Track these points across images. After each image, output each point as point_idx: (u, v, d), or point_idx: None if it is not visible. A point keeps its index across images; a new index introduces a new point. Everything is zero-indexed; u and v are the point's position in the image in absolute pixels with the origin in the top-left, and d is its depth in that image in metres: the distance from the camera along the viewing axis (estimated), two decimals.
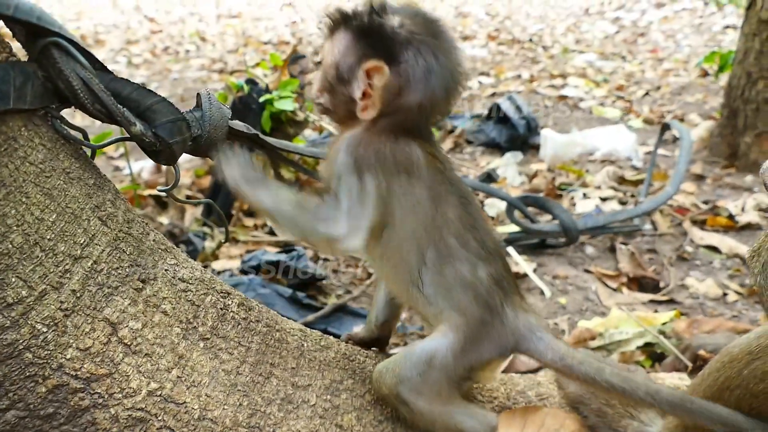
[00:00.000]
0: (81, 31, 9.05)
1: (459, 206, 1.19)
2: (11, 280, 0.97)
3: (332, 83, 1.17)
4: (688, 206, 3.11)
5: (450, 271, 1.18)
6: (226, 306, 1.26)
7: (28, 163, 1.00)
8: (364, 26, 1.13)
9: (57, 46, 1.00)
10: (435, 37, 1.13)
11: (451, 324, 1.20)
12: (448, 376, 1.20)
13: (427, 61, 1.11)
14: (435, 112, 1.18)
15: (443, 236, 1.18)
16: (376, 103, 1.12)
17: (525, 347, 1.23)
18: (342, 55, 1.15)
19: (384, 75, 1.09)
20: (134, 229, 1.17)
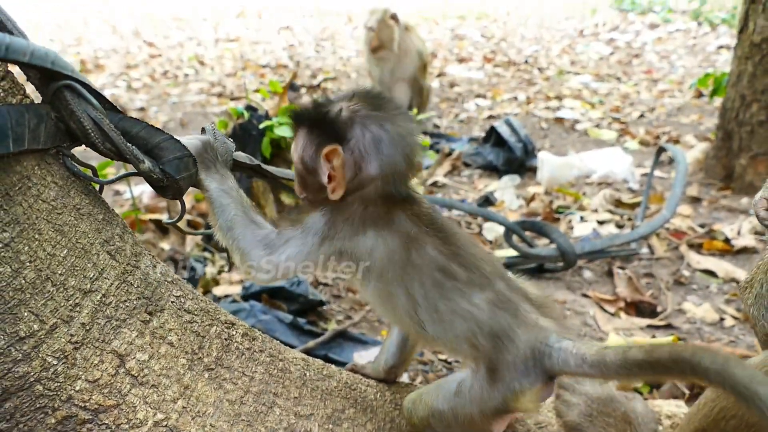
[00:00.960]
0: (81, 56, 9.13)
1: (438, 242, 1.21)
2: (24, 315, 1.00)
3: (304, 177, 1.26)
4: (685, 229, 3.15)
5: (444, 306, 1.20)
6: (231, 336, 1.29)
7: (41, 201, 1.03)
8: (313, 119, 1.22)
9: (70, 88, 1.04)
10: (377, 109, 1.21)
11: (470, 358, 1.22)
12: (480, 410, 1.20)
13: (374, 132, 1.19)
14: (400, 177, 1.23)
15: (426, 273, 1.20)
16: (340, 182, 1.19)
17: (550, 366, 1.19)
18: (304, 150, 1.23)
19: (339, 155, 1.17)
20: (142, 262, 1.20)
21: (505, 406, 1.20)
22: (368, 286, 1.24)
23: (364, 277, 1.23)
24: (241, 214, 1.22)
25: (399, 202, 1.23)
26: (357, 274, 1.23)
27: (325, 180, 1.20)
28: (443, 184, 4.16)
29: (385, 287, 1.22)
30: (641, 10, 13.59)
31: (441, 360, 2.21)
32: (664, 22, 11.97)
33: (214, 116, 6.02)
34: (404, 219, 1.21)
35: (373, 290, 1.24)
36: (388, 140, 1.19)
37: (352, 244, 1.20)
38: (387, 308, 1.27)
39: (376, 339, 2.31)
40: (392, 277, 1.20)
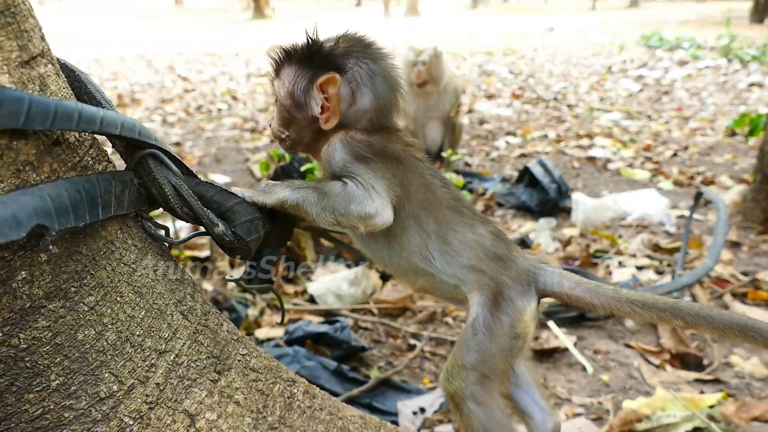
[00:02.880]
0: (118, 91, 9.39)
1: (442, 186, 1.32)
2: (104, 376, 1.03)
3: (291, 112, 1.30)
4: (727, 277, 3.11)
5: (453, 237, 1.29)
6: (293, 395, 1.31)
7: (122, 264, 1.08)
8: (305, 53, 1.28)
9: (153, 156, 1.09)
10: (366, 47, 1.30)
11: (475, 287, 1.30)
12: (498, 340, 1.26)
13: (369, 66, 1.28)
14: (389, 110, 1.32)
15: (439, 209, 1.30)
16: (335, 110, 1.26)
17: (543, 283, 1.32)
18: (294, 84, 1.28)
19: (337, 83, 1.23)
20: (210, 321, 1.23)
21: (513, 330, 1.28)
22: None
23: None
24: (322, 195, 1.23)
25: (394, 136, 1.32)
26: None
27: (317, 111, 1.27)
28: None
29: (400, 223, 1.27)
30: (669, 46, 13.60)
31: None
32: (693, 58, 11.95)
33: (248, 152, 6.13)
34: (412, 158, 1.31)
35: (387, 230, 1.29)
36: (380, 74, 1.28)
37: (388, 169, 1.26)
38: (394, 246, 1.31)
39: (420, 387, 2.31)
40: (409, 213, 1.28)
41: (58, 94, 1.00)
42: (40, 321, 0.95)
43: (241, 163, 5.81)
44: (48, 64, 0.99)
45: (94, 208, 0.99)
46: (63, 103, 0.90)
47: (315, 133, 1.31)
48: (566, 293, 1.32)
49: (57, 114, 0.89)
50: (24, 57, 0.92)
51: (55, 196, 0.91)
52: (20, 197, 0.85)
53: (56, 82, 1.00)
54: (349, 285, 2.93)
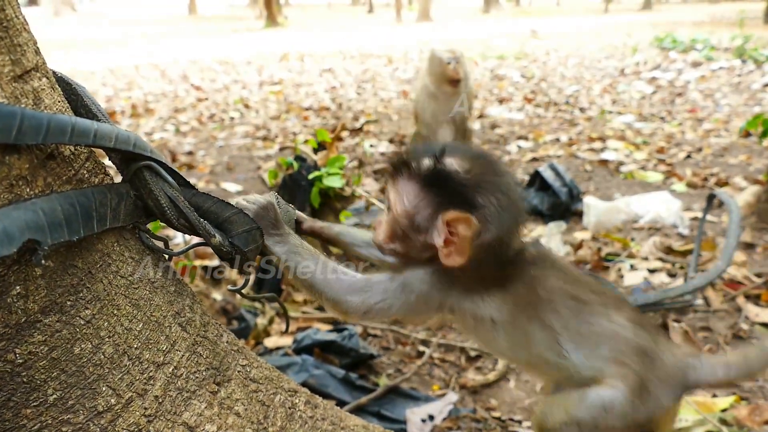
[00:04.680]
0: (132, 100, 9.48)
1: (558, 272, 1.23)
2: (102, 389, 1.03)
3: (405, 231, 1.21)
4: (741, 279, 3.06)
5: (587, 329, 1.20)
6: (294, 405, 1.30)
7: (119, 277, 1.08)
8: (431, 175, 1.16)
9: (149, 168, 1.09)
10: (498, 175, 1.18)
11: (615, 376, 1.19)
12: (624, 425, 1.19)
13: (499, 200, 1.15)
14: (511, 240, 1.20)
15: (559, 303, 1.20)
16: (464, 250, 1.14)
17: (694, 379, 1.23)
18: (414, 206, 1.18)
19: (471, 225, 1.12)
20: (210, 332, 1.23)
21: (650, 422, 1.21)
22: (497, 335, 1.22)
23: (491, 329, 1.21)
24: (319, 268, 1.23)
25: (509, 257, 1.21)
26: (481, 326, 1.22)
27: (438, 243, 1.16)
28: None
29: (517, 331, 1.21)
30: (683, 48, 13.48)
31: (494, 418, 2.17)
32: (707, 60, 11.84)
33: (260, 160, 6.15)
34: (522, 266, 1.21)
35: (504, 337, 1.22)
36: (508, 208, 1.16)
37: (474, 305, 1.20)
38: (521, 350, 1.25)
39: (428, 394, 2.30)
40: (525, 320, 1.20)
41: (53, 107, 1.00)
42: (36, 335, 0.95)
43: (253, 171, 5.83)
44: (42, 77, 1.00)
45: (89, 222, 0.99)
46: (56, 117, 0.91)
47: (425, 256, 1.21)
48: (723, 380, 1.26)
49: (50, 128, 0.90)
50: (17, 71, 0.93)
51: (49, 211, 0.91)
52: (12, 212, 0.86)
53: (51, 95, 1.01)
54: None
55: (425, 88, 5.29)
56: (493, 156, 1.23)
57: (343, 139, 6.79)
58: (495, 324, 1.21)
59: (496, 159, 1.23)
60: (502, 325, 1.21)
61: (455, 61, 5.01)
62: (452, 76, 5.00)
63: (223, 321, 2.74)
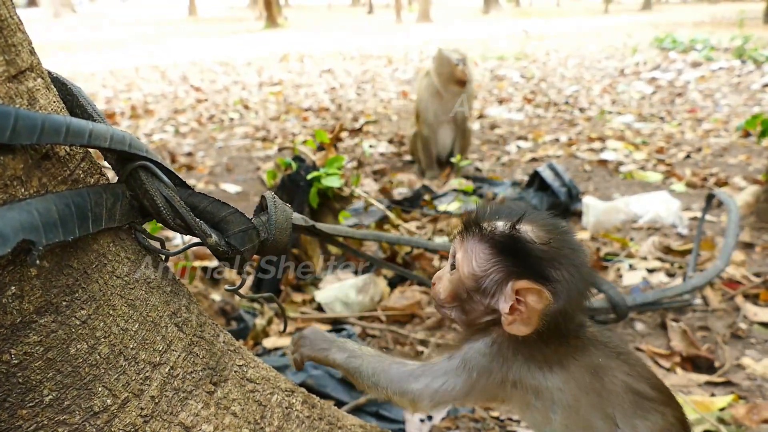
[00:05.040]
0: (132, 102, 9.48)
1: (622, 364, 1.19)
2: (98, 390, 1.03)
3: (469, 293, 1.19)
4: (739, 278, 3.06)
5: (643, 425, 1.16)
6: (291, 405, 1.30)
7: (115, 277, 1.08)
8: (507, 240, 1.14)
9: (144, 168, 1.09)
10: (574, 250, 1.15)
11: None
12: None
13: (571, 274, 1.12)
14: (576, 313, 1.19)
15: (623, 396, 1.17)
16: (533, 321, 1.11)
17: None
18: (484, 269, 1.16)
19: (544, 298, 1.09)
20: (206, 332, 1.23)
21: None
22: (555, 417, 1.19)
23: (549, 409, 1.18)
24: (376, 364, 1.27)
25: (574, 331, 1.19)
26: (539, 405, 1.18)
27: (504, 309, 1.13)
28: None
29: (578, 417, 1.17)
30: (683, 48, 13.48)
31: (493, 418, 2.17)
32: (707, 60, 11.84)
33: (259, 161, 6.15)
34: (586, 346, 1.18)
35: (561, 421, 1.19)
36: (579, 281, 1.14)
37: (535, 380, 1.16)
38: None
39: None
40: (587, 407, 1.17)
41: (48, 107, 1.00)
42: (32, 336, 0.95)
43: (252, 172, 5.84)
44: (37, 78, 1.00)
45: (84, 222, 0.99)
46: (50, 117, 0.91)
47: (487, 320, 1.20)
48: None
49: (44, 128, 0.90)
50: (11, 71, 0.93)
51: (43, 211, 0.91)
52: (6, 213, 0.86)
53: (46, 95, 1.01)
54: (357, 292, 2.92)
55: (429, 87, 5.30)
56: (570, 229, 1.19)
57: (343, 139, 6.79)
58: (554, 404, 1.17)
59: (573, 232, 1.19)
60: (561, 406, 1.17)
61: (462, 63, 5.05)
62: (460, 77, 5.04)
63: (222, 322, 2.74)
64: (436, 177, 5.42)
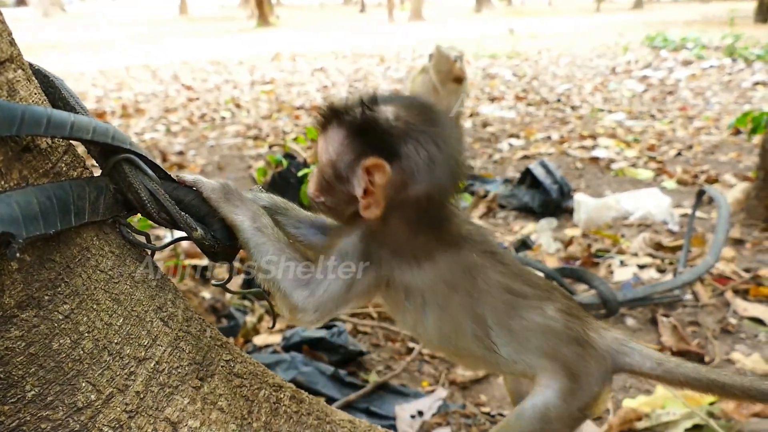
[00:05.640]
0: (122, 101, 9.43)
1: (497, 264, 1.19)
2: (81, 385, 1.02)
3: (330, 182, 1.14)
4: (729, 274, 3.07)
5: (519, 324, 1.18)
6: (279, 400, 1.29)
7: (99, 271, 1.06)
8: (358, 122, 1.09)
9: (128, 161, 1.08)
10: (433, 125, 1.10)
11: (547, 372, 1.19)
12: (564, 424, 1.19)
13: (429, 152, 1.08)
14: (444, 199, 1.14)
15: (496, 296, 1.17)
16: (380, 201, 1.08)
17: (621, 363, 1.23)
18: (338, 154, 1.11)
19: (385, 173, 1.06)
20: (193, 327, 1.22)
21: (584, 412, 1.20)
22: (426, 318, 1.17)
23: (420, 309, 1.16)
24: (278, 253, 1.13)
25: (445, 221, 1.16)
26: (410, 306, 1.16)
27: (358, 193, 1.10)
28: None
29: (449, 317, 1.17)
30: (674, 47, 13.54)
31: (484, 413, 2.17)
32: (698, 58, 11.90)
33: (251, 159, 6.13)
34: (459, 243, 1.16)
35: (433, 322, 1.17)
36: (442, 161, 1.09)
37: (406, 277, 1.13)
38: (450, 339, 1.20)
39: (418, 391, 2.29)
40: (458, 307, 1.16)
41: (29, 99, 0.99)
42: (13, 331, 0.94)
43: (243, 170, 5.82)
44: (18, 69, 0.98)
45: (67, 215, 0.98)
46: (30, 108, 0.89)
47: (353, 210, 1.14)
48: (648, 373, 1.25)
49: (24, 119, 0.88)
50: None
51: (24, 203, 0.90)
52: None
53: (26, 87, 0.99)
54: None
55: (425, 84, 5.30)
56: (434, 106, 1.14)
57: None
58: (426, 304, 1.15)
59: (436, 109, 1.14)
60: (432, 306, 1.15)
61: (460, 60, 5.07)
62: (458, 74, 5.07)
63: (213, 319, 2.73)
64: None
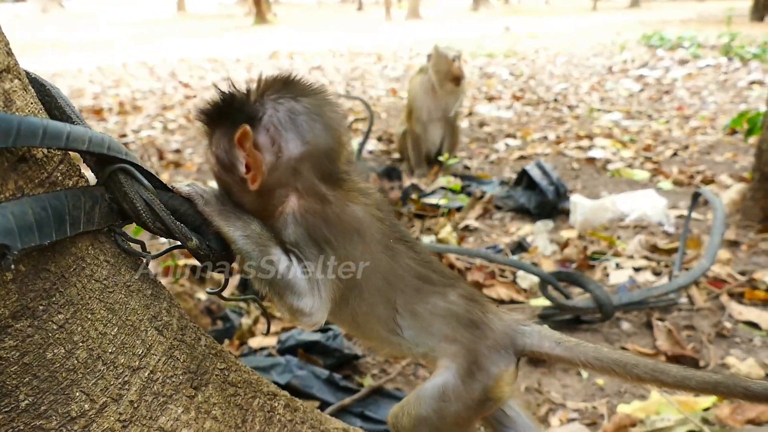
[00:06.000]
0: (120, 98, 9.41)
1: (408, 250, 1.26)
2: (75, 395, 1.02)
3: (223, 179, 1.18)
4: (725, 277, 3.08)
5: (423, 308, 1.24)
6: (273, 408, 1.29)
7: (93, 281, 1.06)
8: (220, 110, 1.15)
9: (123, 171, 1.07)
10: (285, 85, 1.15)
11: (447, 355, 1.25)
12: (465, 405, 1.23)
13: (287, 106, 1.12)
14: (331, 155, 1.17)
15: (405, 280, 1.24)
16: (259, 167, 1.11)
17: (521, 344, 1.27)
18: (217, 146, 1.16)
19: (248, 136, 1.09)
20: (187, 336, 1.22)
21: (486, 394, 1.24)
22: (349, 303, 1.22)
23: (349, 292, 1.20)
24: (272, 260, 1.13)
25: (351, 193, 1.19)
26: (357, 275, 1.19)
27: (243, 171, 1.12)
28: (475, 228, 4.16)
29: (367, 299, 1.21)
30: (670, 46, 13.56)
31: None
32: (694, 57, 11.91)
33: None
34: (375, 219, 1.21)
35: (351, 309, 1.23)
36: (305, 112, 1.13)
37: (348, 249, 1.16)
38: (361, 322, 1.26)
39: None
40: (373, 287, 1.21)
41: (25, 109, 0.99)
42: (7, 341, 0.94)
43: None
44: (14, 79, 0.98)
45: (62, 225, 0.98)
46: (26, 120, 0.89)
47: (256, 199, 1.16)
48: (546, 353, 1.28)
49: (20, 130, 0.88)
50: None
51: (19, 214, 0.90)
52: None
53: (23, 97, 0.99)
54: None
55: (424, 84, 5.30)
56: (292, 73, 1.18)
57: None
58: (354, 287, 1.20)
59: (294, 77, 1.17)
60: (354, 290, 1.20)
61: (458, 59, 5.08)
62: (457, 73, 5.08)
63: (208, 321, 2.73)
64: (424, 175, 5.42)
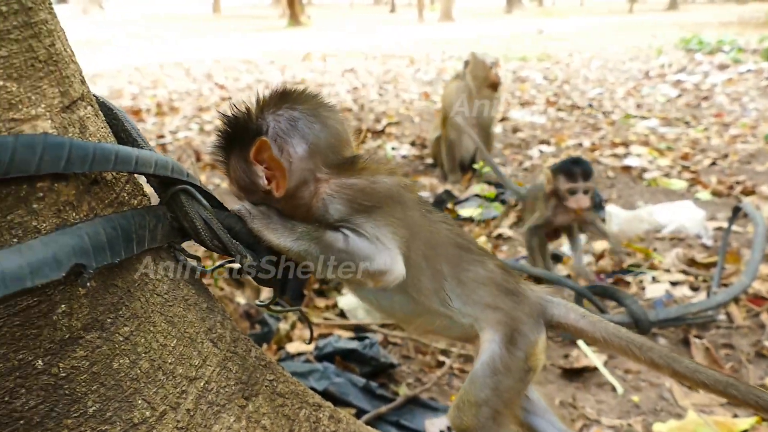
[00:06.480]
0: (157, 99, 9.61)
1: (443, 221, 1.32)
2: (138, 403, 1.08)
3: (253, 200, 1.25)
4: (765, 294, 3.04)
5: (467, 276, 1.29)
6: (318, 419, 1.34)
7: (155, 295, 1.12)
8: (227, 135, 1.27)
9: (185, 191, 1.13)
10: (280, 98, 1.25)
11: (490, 325, 1.30)
12: (514, 376, 1.28)
13: (285, 115, 1.23)
14: (335, 146, 1.26)
15: (447, 248, 1.29)
16: (282, 172, 1.20)
17: (550, 314, 1.34)
18: (234, 172, 1.27)
19: (265, 147, 1.19)
20: (239, 348, 1.27)
21: (526, 363, 1.29)
22: None
23: None
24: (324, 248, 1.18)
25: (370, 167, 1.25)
26: None
27: (264, 183, 1.22)
28: (509, 236, 4.16)
29: (412, 267, 1.23)
30: (709, 50, 13.31)
31: None
32: (734, 62, 11.68)
33: None
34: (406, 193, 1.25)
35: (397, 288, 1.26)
36: (302, 117, 1.23)
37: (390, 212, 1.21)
38: (409, 292, 1.27)
39: (448, 405, 2.32)
40: (421, 255, 1.25)
41: (97, 134, 1.05)
42: (79, 351, 1.00)
43: None
44: (87, 106, 1.04)
45: (129, 244, 1.04)
46: (101, 146, 0.95)
47: (288, 204, 1.24)
48: (572, 324, 1.34)
49: (95, 157, 0.94)
50: (65, 102, 0.98)
51: (93, 234, 0.96)
52: (60, 237, 0.90)
53: (95, 123, 1.06)
54: None
55: (460, 90, 5.29)
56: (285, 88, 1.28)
57: (365, 141, 6.83)
58: None
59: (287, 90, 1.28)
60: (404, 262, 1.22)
61: (495, 65, 5.10)
62: (494, 80, 5.10)
63: (246, 325, 2.79)
64: (458, 181, 5.43)
